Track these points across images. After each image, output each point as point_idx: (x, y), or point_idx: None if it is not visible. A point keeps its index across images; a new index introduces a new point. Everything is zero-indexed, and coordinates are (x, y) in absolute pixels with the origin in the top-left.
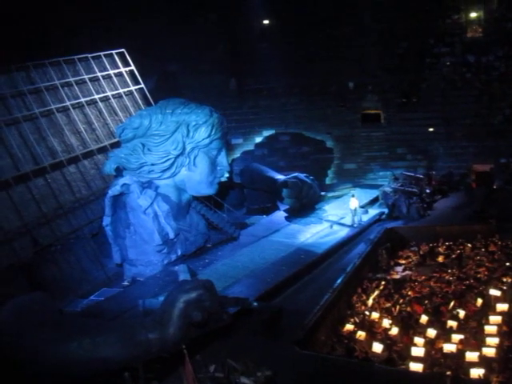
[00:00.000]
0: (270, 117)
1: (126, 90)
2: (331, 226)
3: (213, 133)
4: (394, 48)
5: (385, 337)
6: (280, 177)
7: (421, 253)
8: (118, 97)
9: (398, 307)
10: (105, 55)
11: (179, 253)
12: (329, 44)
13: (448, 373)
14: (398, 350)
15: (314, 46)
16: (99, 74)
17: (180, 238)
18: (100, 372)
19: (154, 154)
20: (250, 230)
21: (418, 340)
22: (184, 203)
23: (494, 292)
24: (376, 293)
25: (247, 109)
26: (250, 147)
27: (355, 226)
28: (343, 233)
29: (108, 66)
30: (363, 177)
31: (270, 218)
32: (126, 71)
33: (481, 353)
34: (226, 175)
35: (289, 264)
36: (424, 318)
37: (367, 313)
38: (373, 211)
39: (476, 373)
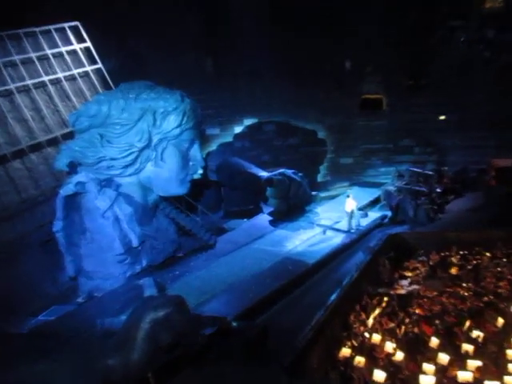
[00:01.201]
0: (252, 103)
1: (80, 70)
2: (324, 232)
3: (184, 121)
4: (400, 19)
5: (388, 363)
6: (264, 173)
7: (430, 263)
8: (72, 79)
9: (403, 328)
10: (55, 29)
11: (144, 263)
12: (322, 15)
13: None
14: (403, 379)
15: (304, 18)
16: (49, 52)
17: (145, 246)
18: None
19: (115, 147)
20: (228, 237)
21: (428, 367)
22: (150, 205)
23: None
24: (377, 311)
25: (225, 93)
26: (229, 139)
27: (352, 231)
28: (338, 240)
29: (59, 43)
30: (362, 173)
31: (253, 223)
32: (80, 48)
33: (502, 382)
34: (200, 172)
35: (274, 276)
36: (434, 341)
37: (367, 334)
38: (373, 214)
39: None
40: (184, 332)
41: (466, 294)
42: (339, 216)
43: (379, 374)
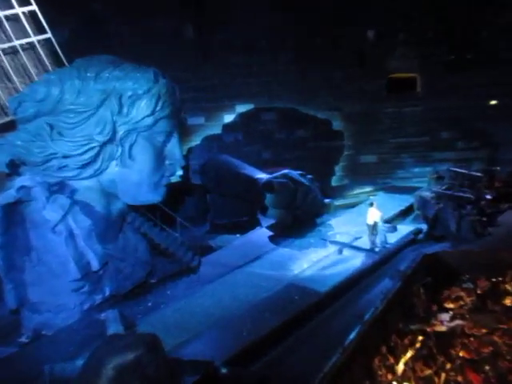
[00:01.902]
0: (247, 84)
1: (23, 41)
2: (340, 252)
3: (159, 108)
4: None
5: None
6: (262, 176)
7: (478, 292)
8: (12, 52)
9: (443, 376)
10: None
11: (107, 292)
12: None
13: None
14: None
15: None
16: None
17: (109, 270)
18: None
19: (69, 141)
20: (216, 258)
21: None
22: (115, 216)
23: None
24: (409, 354)
25: (212, 72)
26: (217, 130)
27: (377, 250)
28: (358, 261)
29: None
30: (389, 175)
31: (247, 239)
32: (24, 13)
33: None
34: (180, 173)
35: (276, 309)
36: None
37: None
38: (404, 228)
39: None
40: (159, 381)
41: None
42: (359, 231)
43: None
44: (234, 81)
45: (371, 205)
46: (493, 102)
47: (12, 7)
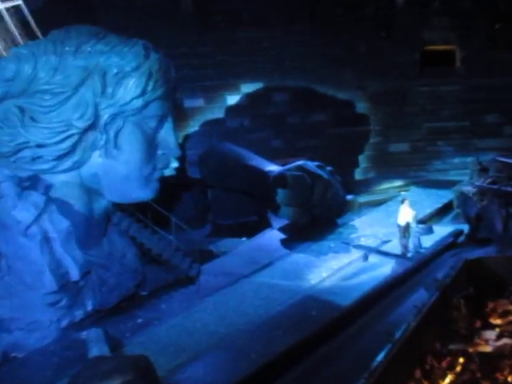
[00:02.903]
0: (254, 60)
1: None
2: (366, 258)
3: (150, 88)
4: None
5: None
6: (273, 168)
7: None
8: None
9: None
10: None
11: (90, 307)
12: None
13: None
14: None
15: None
16: None
17: (91, 281)
18: None
19: (43, 128)
20: (218, 265)
21: None
22: (98, 217)
23: None
24: (449, 379)
25: (213, 46)
26: (219, 114)
27: (409, 255)
28: (387, 269)
29: None
30: (424, 167)
31: (256, 243)
32: None
33: None
34: (175, 165)
35: (290, 326)
36: None
37: None
38: (441, 229)
39: None
40: None
41: None
42: (388, 233)
43: None
44: (238, 56)
45: (402, 202)
46: None
47: None
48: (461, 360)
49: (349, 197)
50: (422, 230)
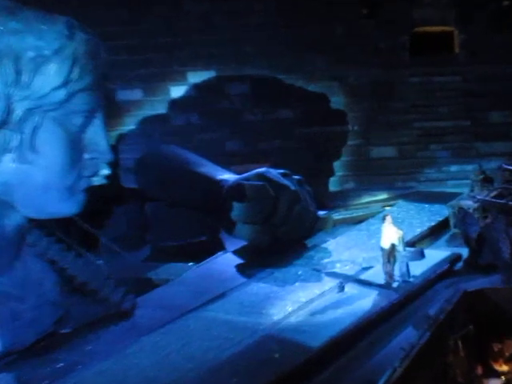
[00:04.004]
0: (205, 42)
1: None
2: (341, 288)
3: (74, 76)
4: None
5: None
6: (228, 176)
7: None
8: None
9: None
10: None
11: None
12: None
13: None
14: None
15: None
16: None
17: (1, 315)
18: None
19: None
20: (158, 297)
21: None
22: (9, 236)
23: None
24: None
25: (154, 25)
26: (161, 109)
27: (395, 285)
28: (368, 302)
29: None
30: (414, 176)
31: (205, 270)
32: None
33: None
34: (106, 172)
35: (247, 372)
36: None
37: None
38: (435, 253)
39: None
40: None
41: None
42: (370, 257)
43: None
44: (186, 38)
45: (386, 219)
46: None
47: None
48: None
49: (321, 212)
50: (411, 255)
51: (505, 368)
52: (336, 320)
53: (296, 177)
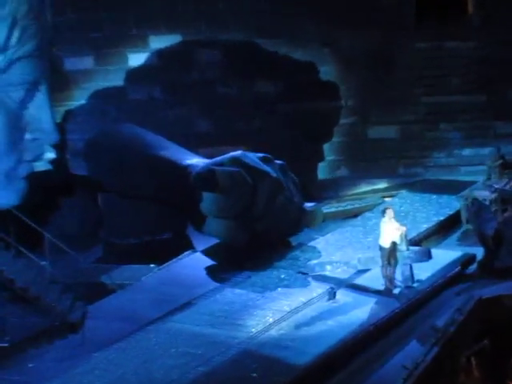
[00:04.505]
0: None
1: None
2: (332, 295)
3: (13, 41)
4: None
5: None
6: (197, 161)
7: None
8: None
9: None
10: None
11: None
12: None
13: None
14: None
15: None
16: None
17: None
18: None
19: None
20: (113, 305)
21: None
22: None
23: None
24: None
25: None
26: (116, 80)
27: (396, 292)
28: (364, 312)
29: None
30: (420, 161)
31: (170, 273)
32: None
33: None
34: (50, 156)
35: None
36: None
37: None
38: (444, 254)
39: None
40: None
41: None
42: (366, 258)
43: None
44: None
45: (387, 213)
46: None
47: None
48: None
49: (308, 205)
50: (416, 255)
51: None
52: (326, 333)
53: (278, 162)
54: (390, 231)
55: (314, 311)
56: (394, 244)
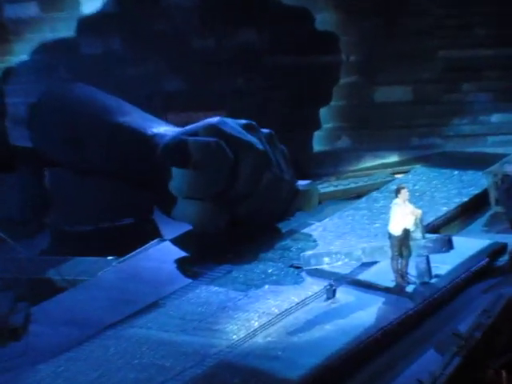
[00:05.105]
0: None
1: None
2: (332, 293)
3: None
4: None
5: None
6: (164, 130)
7: None
8: None
9: None
10: None
11: None
12: None
13: None
14: None
15: None
16: None
17: None
18: None
19: None
20: (63, 306)
21: None
22: None
23: None
24: None
25: None
26: (66, 31)
27: (409, 290)
28: (369, 314)
29: None
30: (437, 130)
31: (132, 267)
32: None
33: None
34: None
35: None
36: None
37: None
38: (468, 243)
39: None
40: None
41: None
42: (372, 249)
43: None
44: None
45: (398, 193)
46: None
47: None
48: None
49: (302, 183)
50: (434, 245)
51: None
52: (323, 341)
53: (265, 131)
54: (402, 215)
55: (309, 314)
56: (406, 231)
